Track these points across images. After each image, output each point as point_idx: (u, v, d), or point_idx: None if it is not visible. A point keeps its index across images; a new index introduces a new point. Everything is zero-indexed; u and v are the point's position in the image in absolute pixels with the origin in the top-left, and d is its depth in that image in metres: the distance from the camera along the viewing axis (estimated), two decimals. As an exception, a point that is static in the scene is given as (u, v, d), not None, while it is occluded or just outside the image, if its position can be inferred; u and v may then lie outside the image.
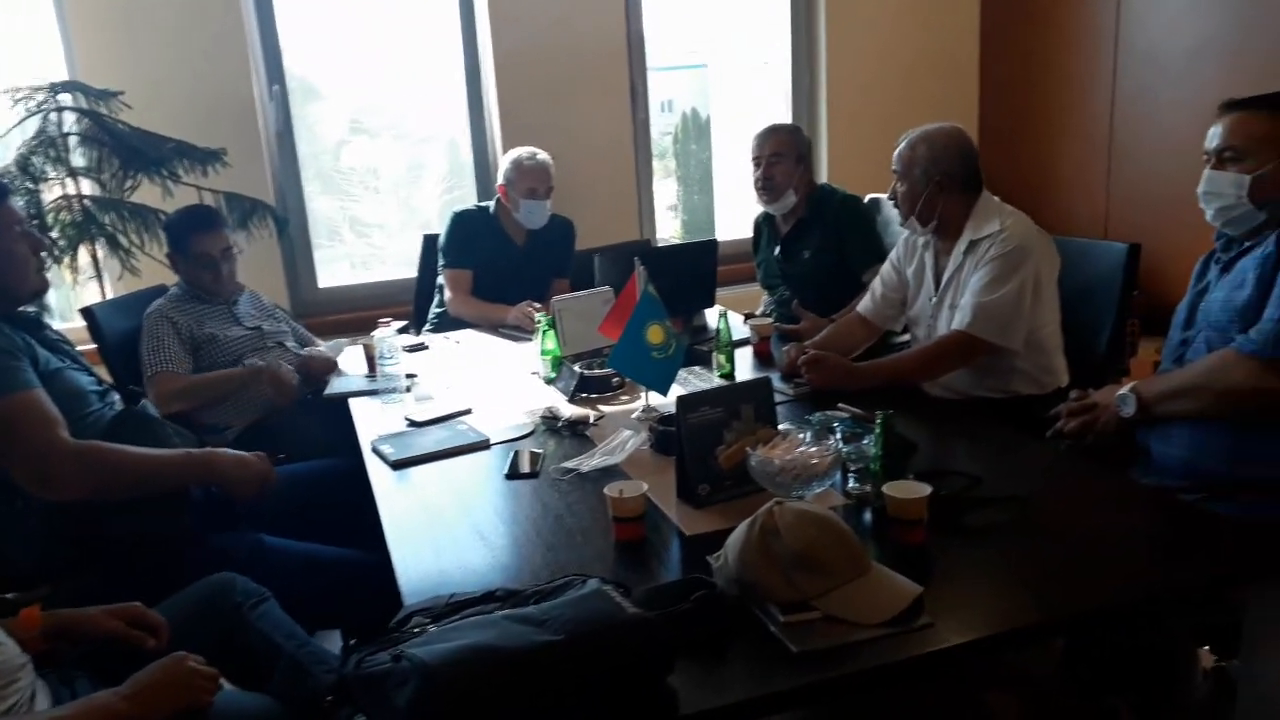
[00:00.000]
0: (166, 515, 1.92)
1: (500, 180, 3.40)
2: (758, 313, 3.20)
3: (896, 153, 2.44)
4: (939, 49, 4.62)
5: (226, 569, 1.95)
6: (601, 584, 1.31)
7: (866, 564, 1.38)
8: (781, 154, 3.08)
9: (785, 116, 4.63)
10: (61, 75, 3.40)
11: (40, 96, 3.10)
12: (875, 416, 1.66)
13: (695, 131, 5.94)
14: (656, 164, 5.32)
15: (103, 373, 2.63)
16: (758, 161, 3.12)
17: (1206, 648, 1.86)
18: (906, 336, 2.73)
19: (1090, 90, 4.05)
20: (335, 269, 4.44)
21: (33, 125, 3.13)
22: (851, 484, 1.72)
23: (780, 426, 1.84)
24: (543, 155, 3.38)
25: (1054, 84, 4.25)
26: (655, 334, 2.06)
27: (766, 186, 3.11)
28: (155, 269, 3.15)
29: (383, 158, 4.61)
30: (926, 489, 1.53)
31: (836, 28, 4.46)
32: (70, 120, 3.18)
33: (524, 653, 1.13)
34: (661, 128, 5.77)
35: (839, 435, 1.81)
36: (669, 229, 5.23)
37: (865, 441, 1.72)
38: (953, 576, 1.46)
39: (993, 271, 2.27)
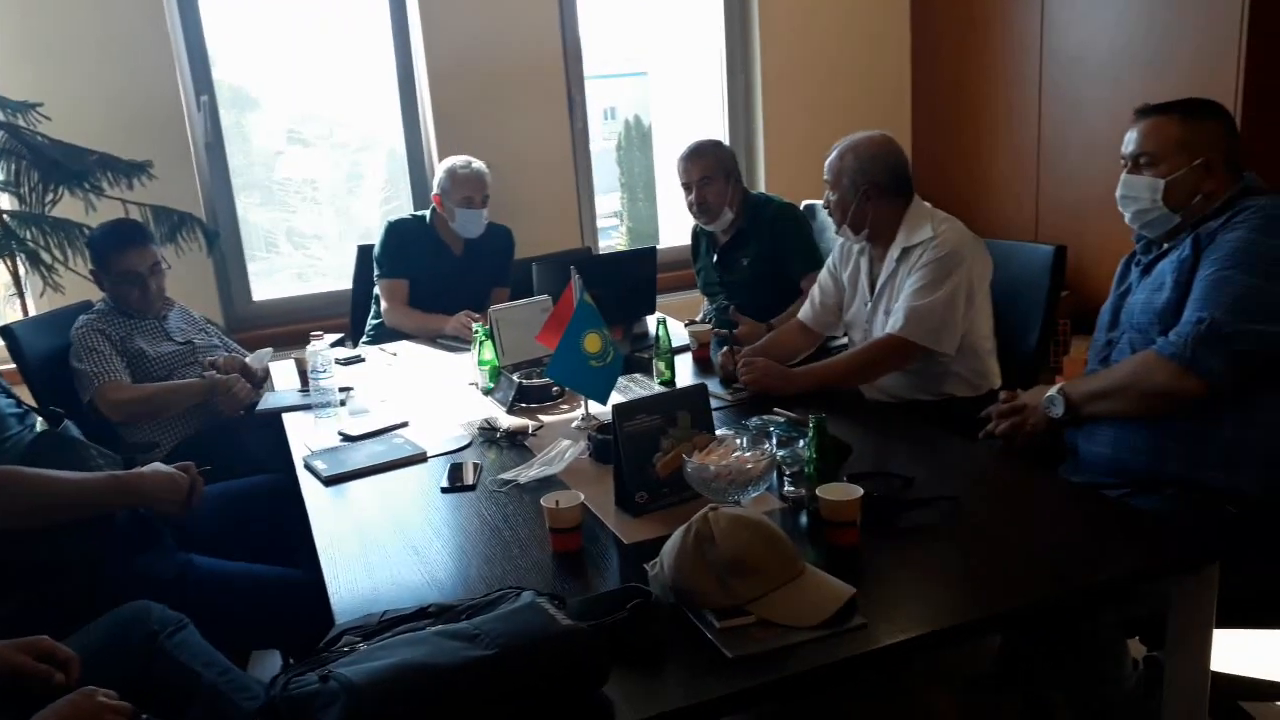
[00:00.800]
0: (90, 540, 1.86)
1: (435, 189, 3.37)
2: (697, 319, 3.21)
3: (827, 163, 2.47)
4: (871, 57, 4.69)
5: (155, 592, 1.89)
6: (535, 596, 1.30)
7: (800, 567, 1.39)
8: (710, 175, 3.08)
9: (722, 124, 4.67)
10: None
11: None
12: (809, 420, 1.67)
13: (638, 139, 5.96)
14: (601, 171, 5.34)
15: (24, 393, 2.57)
16: (688, 187, 3.11)
17: (1137, 638, 1.90)
18: (845, 340, 2.76)
19: (1018, 97, 4.14)
20: (275, 281, 4.37)
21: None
22: (787, 487, 1.73)
23: (718, 432, 1.85)
24: (478, 164, 3.36)
25: (983, 91, 4.34)
26: (593, 343, 2.06)
27: (702, 210, 3.12)
28: (80, 285, 3.07)
29: (321, 168, 4.55)
30: (859, 491, 1.54)
31: (770, 36, 4.50)
32: (-14, 134, 3.09)
33: (455, 669, 1.12)
34: (605, 135, 5.79)
35: (775, 439, 1.82)
36: (615, 236, 5.24)
37: (800, 445, 1.73)
38: (886, 577, 1.47)
39: (926, 277, 2.31)
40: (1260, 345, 1.67)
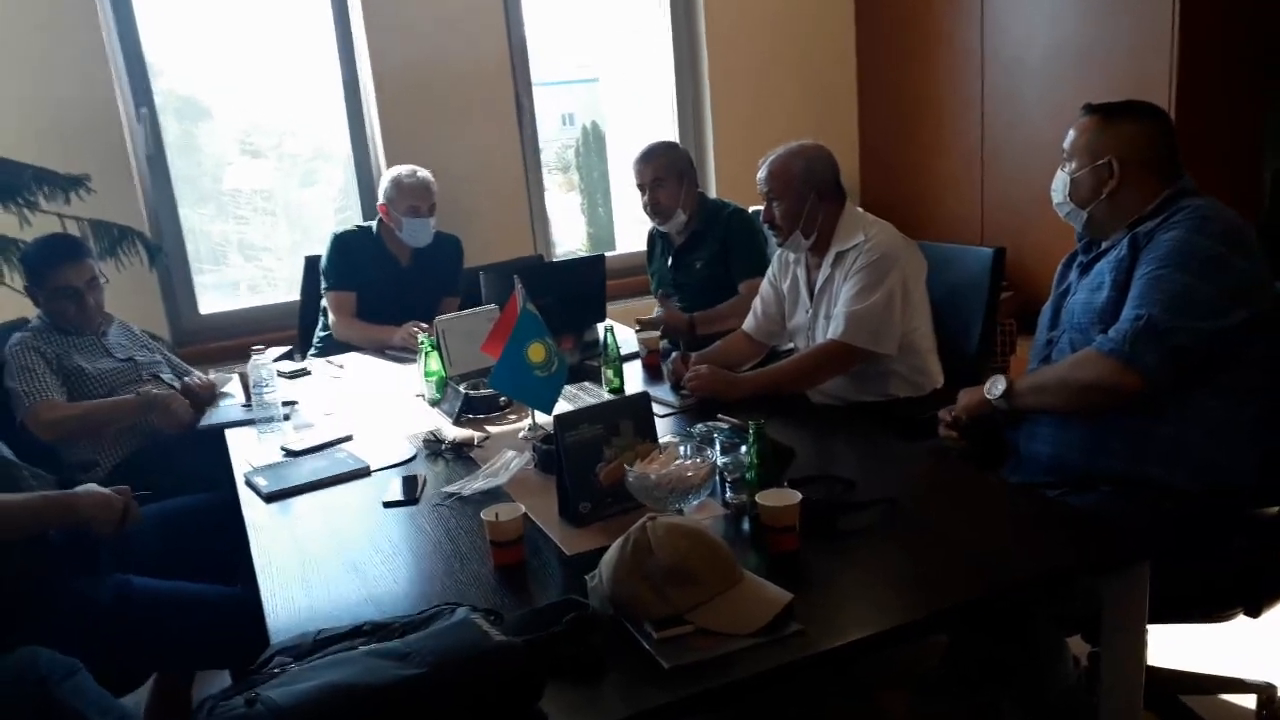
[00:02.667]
0: (22, 561, 1.81)
1: (381, 199, 3.34)
2: (651, 315, 3.20)
3: (765, 174, 2.47)
4: (817, 61, 4.73)
5: (92, 612, 1.87)
6: (470, 612, 1.29)
7: (737, 575, 1.39)
8: (662, 177, 3.10)
9: (673, 128, 4.68)
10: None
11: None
12: (748, 425, 1.68)
13: (595, 144, 5.96)
14: (560, 177, 5.33)
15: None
16: (642, 188, 3.14)
17: (1080, 636, 1.93)
18: (792, 347, 2.78)
19: (960, 99, 4.20)
20: (228, 293, 4.30)
21: None
22: (729, 494, 1.74)
23: (663, 439, 1.85)
24: (423, 173, 3.33)
25: (928, 93, 4.39)
26: (536, 352, 2.05)
27: (656, 211, 3.14)
28: (15, 301, 3.00)
29: (272, 178, 4.49)
30: (797, 496, 1.55)
31: (716, 41, 4.52)
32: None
33: (384, 689, 1.10)
34: (564, 141, 5.78)
35: (718, 446, 1.83)
36: (575, 242, 5.23)
37: (743, 451, 1.73)
38: (826, 581, 1.48)
39: (862, 281, 2.33)
40: (1195, 341, 1.70)
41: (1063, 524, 1.61)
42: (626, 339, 2.89)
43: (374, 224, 3.41)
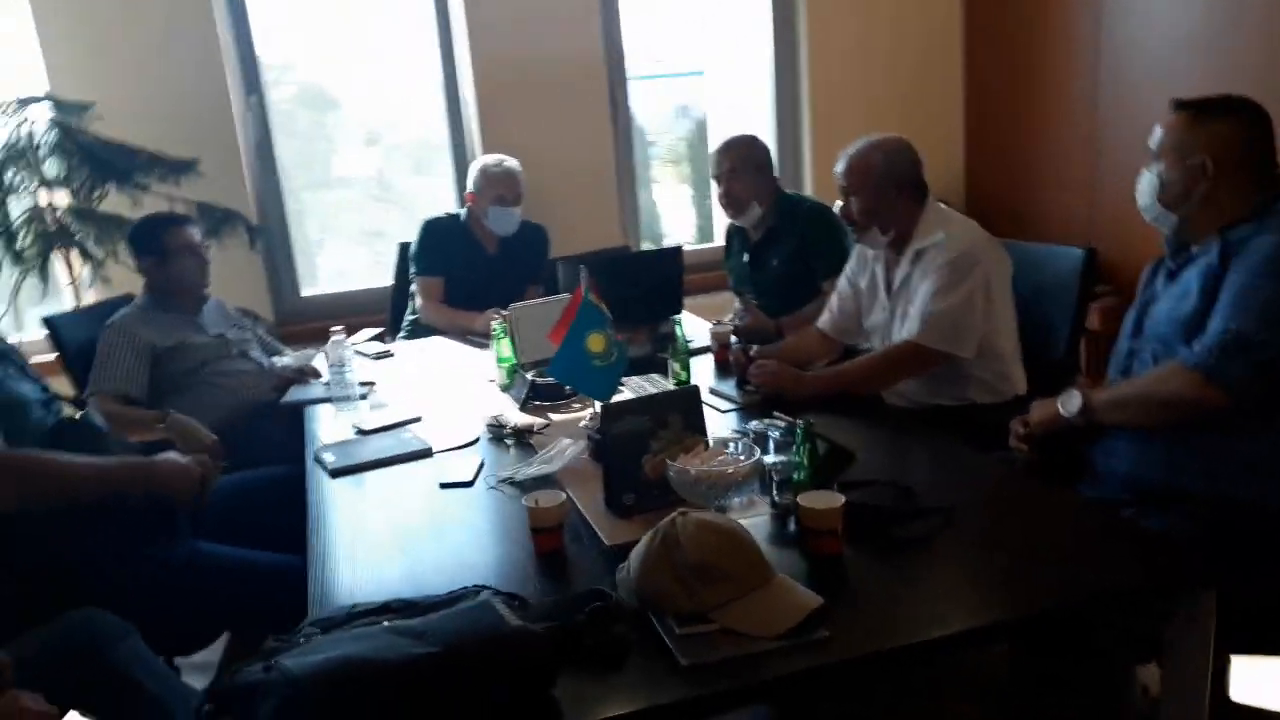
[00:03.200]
0: (103, 523, 1.91)
1: (470, 188, 3.40)
2: (726, 319, 3.18)
3: (843, 168, 2.41)
4: (921, 52, 4.59)
5: (166, 572, 1.96)
6: (493, 596, 1.30)
7: (768, 575, 1.36)
8: (738, 169, 3.06)
9: (769, 124, 4.62)
10: (44, 87, 3.43)
11: (10, 109, 3.12)
12: (797, 425, 1.64)
13: (703, 138, 5.96)
14: (672, 169, 5.34)
15: (63, 382, 2.67)
16: (718, 179, 3.11)
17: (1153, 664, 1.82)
18: (869, 348, 2.70)
19: (1073, 91, 4.00)
20: (346, 276, 4.45)
21: (2, 137, 3.15)
22: (776, 494, 1.70)
23: (719, 435, 1.82)
24: (510, 162, 3.38)
25: (1037, 86, 4.21)
26: (596, 342, 2.04)
27: (730, 202, 3.10)
28: (126, 279, 3.17)
29: (388, 166, 4.63)
30: (840, 499, 1.50)
31: (818, 33, 4.44)
32: (41, 132, 3.20)
33: (396, 665, 1.12)
34: (678, 133, 5.80)
35: (771, 444, 1.79)
36: (685, 234, 5.24)
37: (795, 450, 1.69)
38: (865, 588, 1.43)
39: (941, 280, 2.25)
40: None
41: (1127, 542, 1.52)
42: (702, 333, 2.87)
43: (463, 212, 3.47)
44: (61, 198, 3.27)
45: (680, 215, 5.51)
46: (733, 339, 2.68)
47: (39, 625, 1.61)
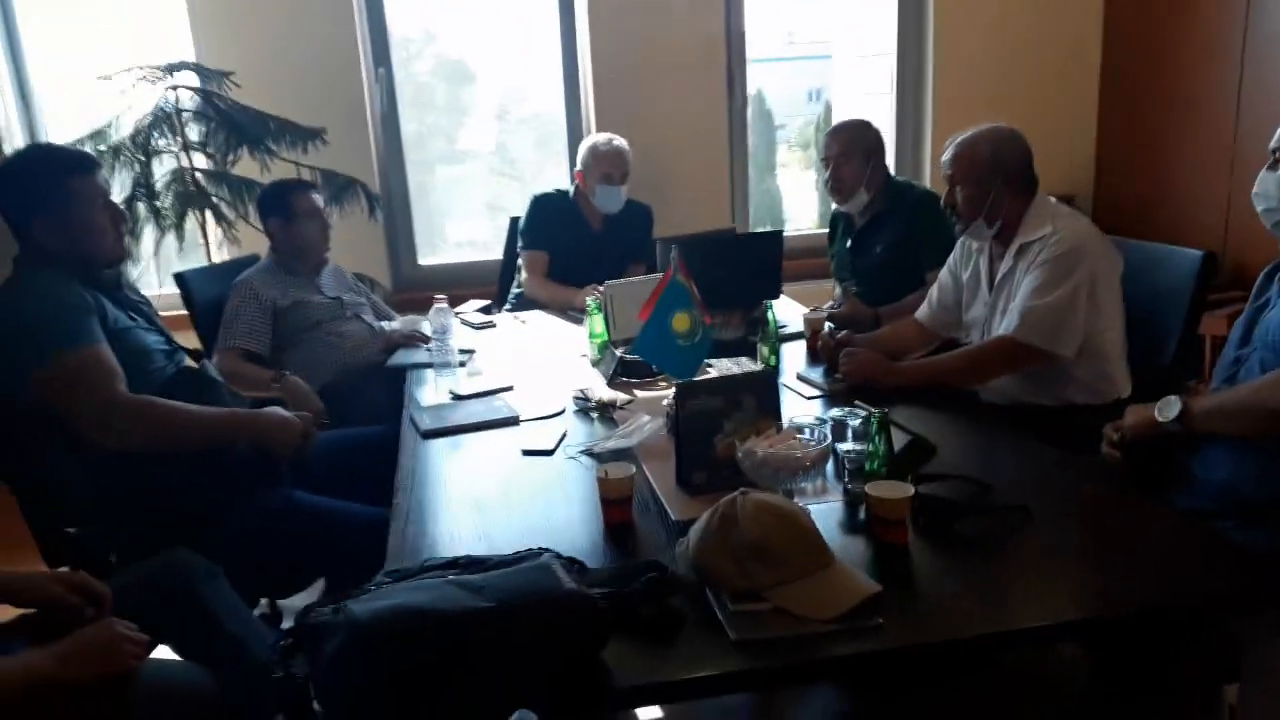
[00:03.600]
0: (210, 468, 2.05)
1: (578, 166, 3.46)
2: (825, 306, 3.15)
3: (950, 157, 2.36)
4: (1057, 44, 4.42)
5: (263, 518, 2.09)
6: (554, 559, 1.35)
7: (826, 559, 1.36)
8: (848, 152, 3.03)
9: (889, 111, 4.53)
10: (189, 54, 3.65)
11: (157, 76, 3.34)
12: (862, 411, 1.63)
13: (827, 122, 5.90)
14: (799, 154, 5.33)
15: (190, 337, 2.85)
16: (826, 161, 3.08)
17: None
18: (968, 343, 2.64)
19: (1214, 90, 3.78)
20: (474, 247, 4.62)
21: (151, 101, 3.38)
22: (849, 482, 1.69)
23: (793, 420, 1.83)
24: (619, 141, 3.42)
25: (1177, 82, 3.99)
26: (681, 321, 2.07)
27: (836, 186, 3.07)
28: (255, 239, 3.36)
29: (513, 139, 4.76)
30: (910, 490, 1.49)
31: (944, 17, 4.32)
32: (185, 98, 3.42)
33: (451, 615, 1.18)
34: (808, 117, 5.77)
35: (850, 433, 1.79)
36: (807, 219, 5.22)
37: (870, 440, 1.68)
38: (929, 580, 1.42)
39: (1044, 275, 2.18)
40: None
41: (1212, 553, 1.46)
42: (798, 318, 2.86)
43: (571, 189, 3.53)
44: (199, 160, 3.48)
45: (804, 200, 5.48)
46: (827, 325, 2.66)
47: (137, 562, 1.75)
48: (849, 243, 3.16)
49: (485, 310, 3.56)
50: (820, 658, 1.23)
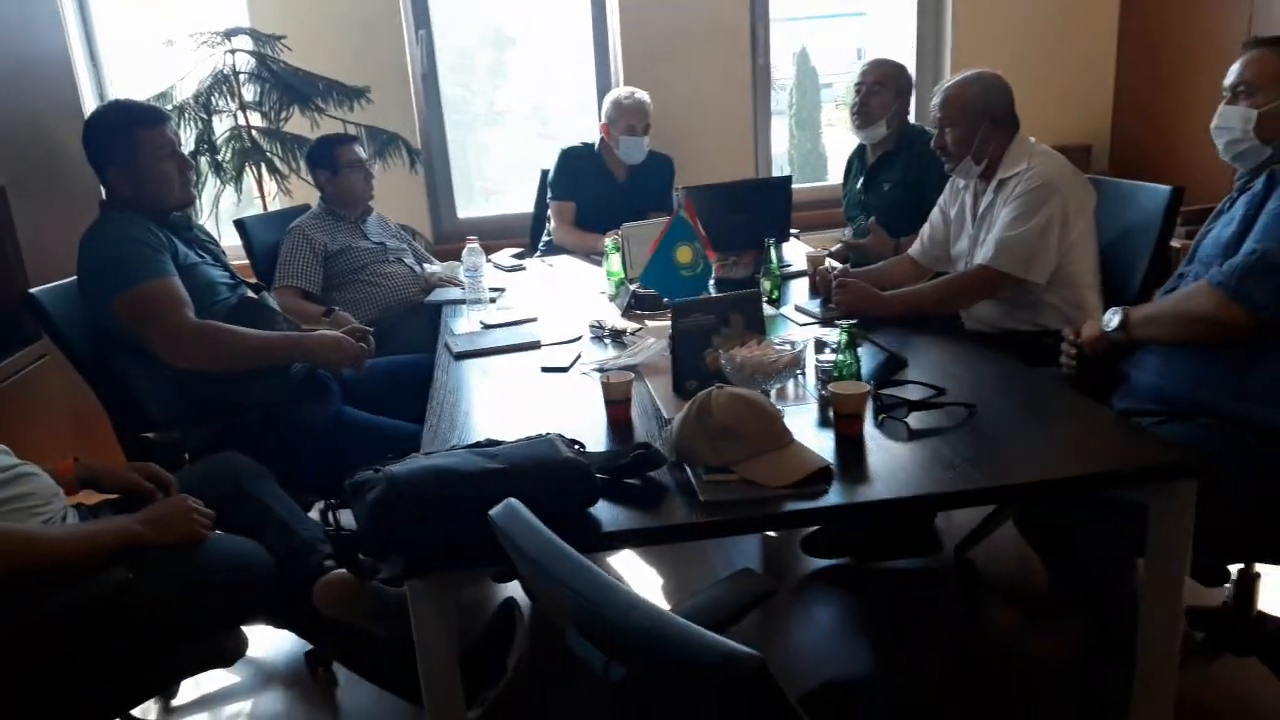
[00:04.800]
0: (269, 385, 2.35)
1: (602, 119, 3.69)
2: (833, 249, 3.36)
3: (940, 100, 2.54)
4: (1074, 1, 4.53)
5: (315, 429, 2.38)
6: (558, 438, 1.61)
7: (785, 440, 1.60)
8: (883, 84, 3.22)
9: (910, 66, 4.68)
10: (243, 19, 3.93)
11: (216, 40, 3.63)
12: (839, 327, 1.86)
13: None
14: (847, 113, 5.51)
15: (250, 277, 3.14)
16: (859, 89, 3.27)
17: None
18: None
19: (1225, 41, 3.88)
20: (513, 198, 4.86)
21: (210, 65, 3.67)
22: (822, 387, 1.93)
23: (800, 339, 2.06)
24: (640, 94, 3.63)
25: (1191, 33, 4.09)
26: (684, 254, 2.31)
27: (861, 112, 3.25)
28: (305, 191, 3.65)
29: (551, 99, 4.99)
30: (865, 388, 1.73)
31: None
32: (241, 61, 3.70)
33: (470, 473, 1.45)
34: (855, 75, 5.94)
35: (829, 349, 2.02)
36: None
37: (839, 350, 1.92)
38: (876, 461, 1.65)
39: (1018, 208, 2.37)
40: None
41: (1129, 441, 1.67)
42: (798, 257, 3.08)
43: (596, 142, 3.77)
44: (254, 119, 3.77)
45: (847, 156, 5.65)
46: (828, 261, 2.88)
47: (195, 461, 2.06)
48: (860, 181, 3.36)
49: (518, 256, 3.82)
50: (769, 513, 1.48)
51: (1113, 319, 1.97)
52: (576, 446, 1.64)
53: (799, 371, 1.93)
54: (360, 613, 1.86)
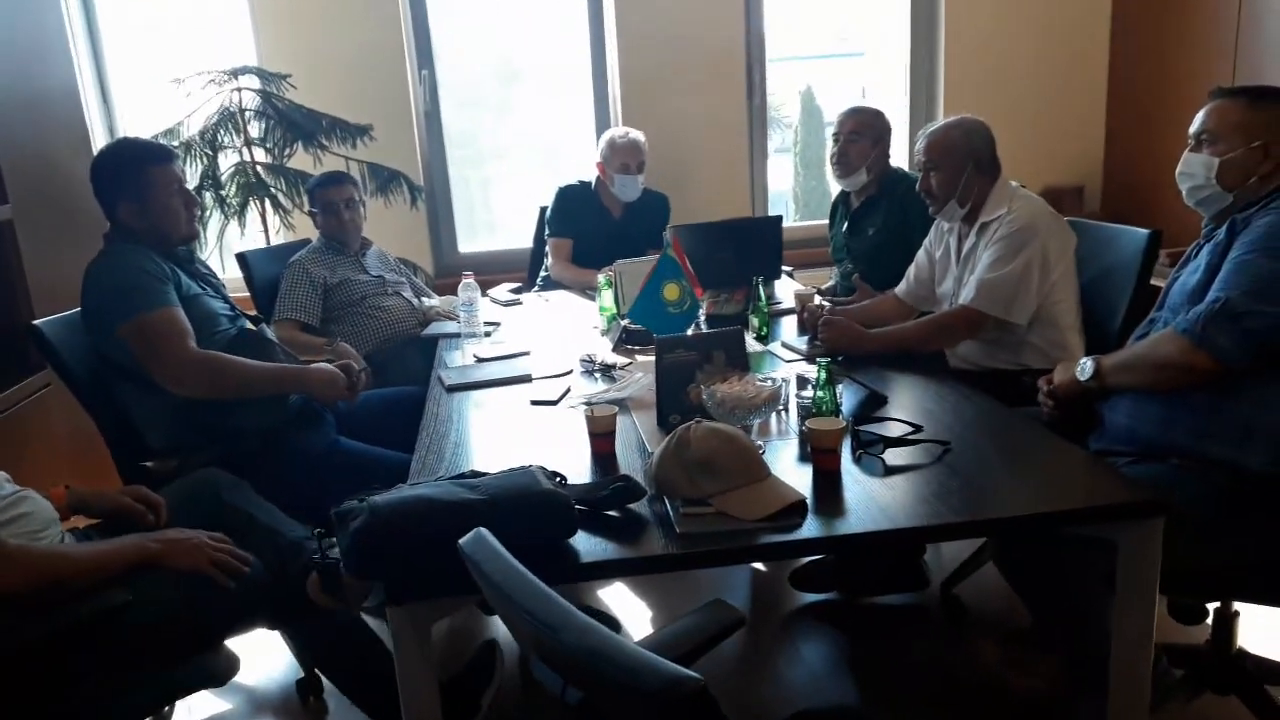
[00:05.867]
0: (267, 414, 2.40)
1: (598, 157, 3.77)
2: (823, 287, 3.43)
3: (924, 145, 2.60)
4: (1065, 34, 4.62)
5: (309, 458, 2.43)
6: (539, 470, 1.65)
7: (762, 474, 1.65)
8: (860, 133, 3.28)
9: (904, 107, 4.77)
10: (251, 58, 4.04)
11: (223, 79, 3.72)
12: (819, 364, 1.91)
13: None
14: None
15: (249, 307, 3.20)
16: (836, 138, 3.33)
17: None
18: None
19: (1216, 79, 3.96)
20: (511, 233, 4.94)
21: (218, 102, 3.76)
22: (801, 423, 1.97)
23: (782, 375, 2.11)
24: (635, 134, 3.71)
25: (1178, 78, 4.18)
26: (671, 291, 2.37)
27: (840, 161, 3.32)
28: (308, 225, 3.72)
29: (554, 134, 5.08)
30: (841, 423, 1.78)
31: (956, 13, 4.55)
32: (247, 98, 3.80)
33: (451, 504, 1.49)
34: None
35: (810, 385, 2.06)
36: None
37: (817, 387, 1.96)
38: (852, 496, 1.69)
39: (999, 250, 2.43)
40: (1271, 326, 1.72)
41: (1100, 479, 1.71)
42: (787, 295, 3.13)
43: (593, 180, 3.84)
44: (259, 154, 3.85)
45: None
46: (817, 299, 2.93)
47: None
48: (845, 225, 3.42)
49: (516, 291, 3.88)
50: (744, 545, 1.52)
51: (1086, 368, 2.02)
52: (558, 479, 1.68)
53: (780, 407, 1.97)
54: (355, 599, 1.89)
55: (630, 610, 2.82)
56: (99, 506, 2.00)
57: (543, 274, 3.96)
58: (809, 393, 2.04)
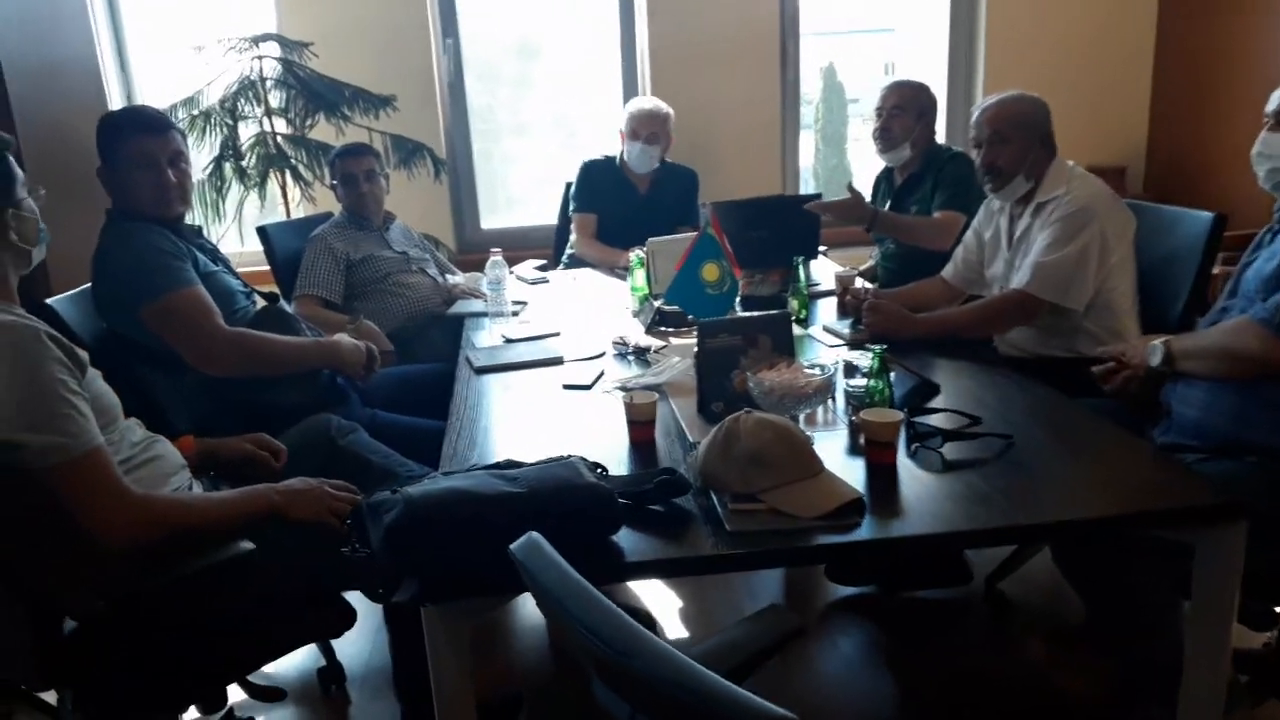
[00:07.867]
0: (298, 389, 2.33)
1: (621, 128, 3.65)
2: (862, 268, 3.31)
3: (987, 117, 2.46)
4: (1110, 12, 4.46)
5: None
6: (580, 461, 1.56)
7: (816, 468, 1.55)
8: (903, 108, 3.16)
9: (942, 82, 4.63)
10: (271, 26, 3.93)
11: (244, 46, 3.62)
12: (871, 351, 1.81)
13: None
14: (865, 126, 5.50)
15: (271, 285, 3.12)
16: (879, 113, 3.21)
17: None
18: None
19: (1263, 59, 3.81)
20: (538, 208, 4.83)
21: (238, 71, 3.66)
22: (852, 413, 1.87)
23: (825, 361, 2.01)
24: (652, 104, 3.60)
25: (1229, 53, 4.02)
26: (710, 272, 2.27)
27: (883, 136, 3.20)
28: (330, 198, 3.62)
29: (577, 110, 4.97)
30: (898, 416, 1.67)
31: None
32: (268, 67, 3.69)
33: (489, 497, 1.40)
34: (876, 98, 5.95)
35: (859, 373, 1.96)
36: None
37: (870, 376, 1.86)
38: (911, 494, 1.59)
39: (1055, 233, 2.31)
40: None
41: (1172, 478, 1.61)
42: (826, 275, 3.02)
43: (618, 155, 3.73)
44: (280, 125, 3.76)
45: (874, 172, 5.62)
46: (858, 281, 2.82)
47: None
48: (888, 203, 3.30)
49: (541, 269, 3.78)
50: (799, 546, 1.42)
51: (1155, 355, 1.90)
52: (599, 470, 1.59)
53: (829, 397, 1.87)
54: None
55: (660, 600, 2.74)
56: (226, 456, 2.00)
57: (568, 251, 3.85)
58: (859, 381, 1.94)
